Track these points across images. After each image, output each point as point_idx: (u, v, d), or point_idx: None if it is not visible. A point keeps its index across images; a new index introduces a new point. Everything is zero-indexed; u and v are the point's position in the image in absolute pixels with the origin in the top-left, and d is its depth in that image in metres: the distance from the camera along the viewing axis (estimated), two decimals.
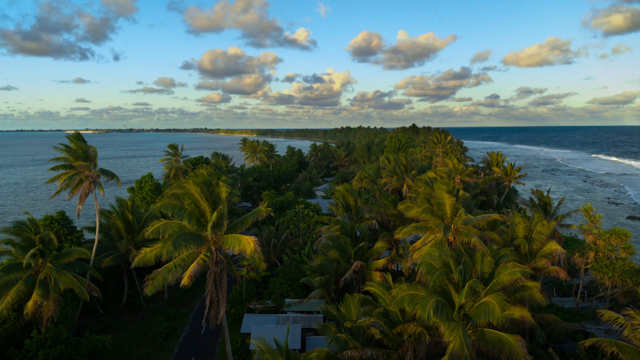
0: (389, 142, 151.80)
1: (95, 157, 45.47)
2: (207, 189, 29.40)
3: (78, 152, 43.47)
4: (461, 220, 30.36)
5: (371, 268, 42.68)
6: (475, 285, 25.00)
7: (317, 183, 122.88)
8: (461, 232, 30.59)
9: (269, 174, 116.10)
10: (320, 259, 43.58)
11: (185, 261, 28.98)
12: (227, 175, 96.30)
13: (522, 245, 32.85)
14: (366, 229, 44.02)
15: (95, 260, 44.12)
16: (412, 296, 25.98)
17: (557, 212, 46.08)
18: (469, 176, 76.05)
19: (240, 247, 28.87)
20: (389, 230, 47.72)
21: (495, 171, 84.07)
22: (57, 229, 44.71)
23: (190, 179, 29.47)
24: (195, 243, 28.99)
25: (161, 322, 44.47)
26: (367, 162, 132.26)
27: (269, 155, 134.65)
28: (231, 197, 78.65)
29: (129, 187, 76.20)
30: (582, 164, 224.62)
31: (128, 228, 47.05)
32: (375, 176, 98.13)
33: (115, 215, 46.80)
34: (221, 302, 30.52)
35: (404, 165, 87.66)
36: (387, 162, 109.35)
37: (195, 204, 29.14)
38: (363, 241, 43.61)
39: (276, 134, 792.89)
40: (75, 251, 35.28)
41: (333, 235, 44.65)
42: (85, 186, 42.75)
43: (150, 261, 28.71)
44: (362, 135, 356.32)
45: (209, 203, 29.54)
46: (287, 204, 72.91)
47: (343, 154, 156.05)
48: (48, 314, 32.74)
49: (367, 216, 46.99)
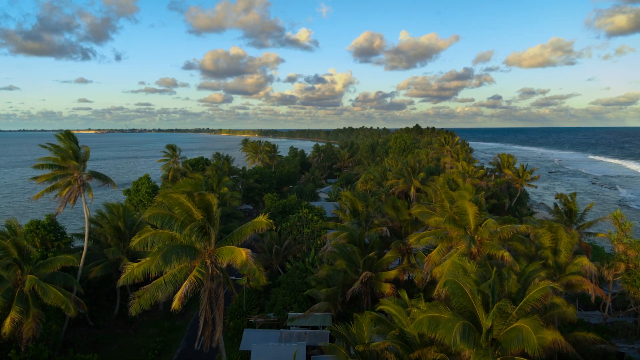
0: (393, 142, 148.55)
1: (87, 158, 42.40)
2: (199, 198, 26.22)
3: (68, 152, 40.37)
4: (487, 231, 27.15)
5: (381, 279, 39.52)
6: (505, 307, 21.84)
7: (321, 185, 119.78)
8: (486, 244, 27.40)
9: (271, 176, 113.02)
10: (326, 269, 40.43)
11: (177, 277, 25.88)
12: (229, 177, 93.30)
13: (549, 258, 29.65)
14: (376, 236, 40.84)
15: (84, 270, 41.04)
16: (434, 318, 22.80)
17: (584, 218, 42.73)
18: (479, 179, 72.78)
19: (231, 257, 25.78)
20: (400, 237, 44.52)
21: (507, 173, 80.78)
22: (43, 234, 41.66)
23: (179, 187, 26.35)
24: (188, 256, 25.90)
25: (154, 337, 41.34)
26: (371, 163, 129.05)
27: (271, 156, 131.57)
28: (232, 200, 75.66)
29: (124, 190, 73.25)
30: (586, 165, 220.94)
31: (119, 235, 43.96)
32: (381, 178, 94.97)
33: (105, 221, 43.73)
34: (217, 322, 27.41)
35: (411, 167, 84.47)
36: (393, 163, 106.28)
37: (187, 213, 26.00)
38: (373, 250, 40.47)
39: (278, 135, 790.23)
40: (60, 260, 32.14)
41: (340, 244, 41.52)
42: (74, 189, 39.65)
43: (138, 277, 25.60)
44: (365, 135, 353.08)
45: (203, 212, 26.41)
46: (289, 208, 69.78)
47: (346, 155, 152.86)
48: (28, 333, 29.65)
49: (377, 222, 43.78)
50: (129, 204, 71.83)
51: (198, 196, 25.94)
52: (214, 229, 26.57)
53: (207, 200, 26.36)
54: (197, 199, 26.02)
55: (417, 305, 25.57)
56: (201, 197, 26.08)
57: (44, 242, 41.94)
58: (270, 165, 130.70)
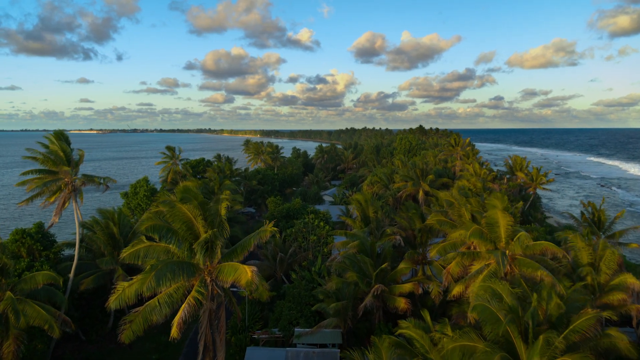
0: (398, 143, 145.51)
1: (80, 162, 39.53)
2: (202, 207, 23.33)
3: (59, 154, 37.51)
4: (521, 246, 24.12)
5: (395, 292, 36.54)
6: (552, 339, 18.91)
7: (325, 187, 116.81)
8: (520, 261, 24.40)
9: (273, 177, 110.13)
10: (335, 281, 37.46)
11: (173, 297, 22.98)
12: (230, 179, 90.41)
13: (589, 277, 26.67)
14: (389, 246, 37.84)
15: (74, 281, 38.20)
16: (467, 348, 19.90)
17: (613, 227, 39.70)
18: (491, 182, 69.76)
19: (235, 276, 22.89)
20: (414, 247, 41.56)
21: (519, 176, 77.72)
22: (30, 244, 38.76)
23: (178, 194, 23.43)
24: (186, 274, 23.00)
25: (150, 353, 38.50)
26: (377, 165, 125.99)
27: (273, 157, 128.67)
28: (233, 204, 72.71)
29: (122, 192, 70.41)
30: (592, 168, 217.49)
31: (113, 243, 41.06)
32: (388, 180, 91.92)
33: (98, 228, 40.84)
34: (219, 347, 24.51)
35: (420, 169, 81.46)
36: (399, 165, 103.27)
37: (187, 225, 23.09)
38: (385, 261, 37.48)
39: (280, 135, 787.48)
40: (42, 276, 29.22)
41: (350, 253, 38.57)
42: (65, 195, 36.78)
43: (130, 299, 22.68)
44: (368, 136, 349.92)
45: (205, 223, 23.51)
46: (294, 212, 66.86)
47: (350, 156, 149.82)
48: (8, 356, 26.79)
49: (390, 231, 40.78)
50: (126, 208, 69.01)
51: (201, 205, 23.03)
52: (220, 244, 23.70)
53: (215, 210, 23.44)
54: (200, 208, 23.10)
55: (442, 330, 22.66)
56: (205, 206, 23.17)
57: (31, 251, 39.06)
58: (272, 167, 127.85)
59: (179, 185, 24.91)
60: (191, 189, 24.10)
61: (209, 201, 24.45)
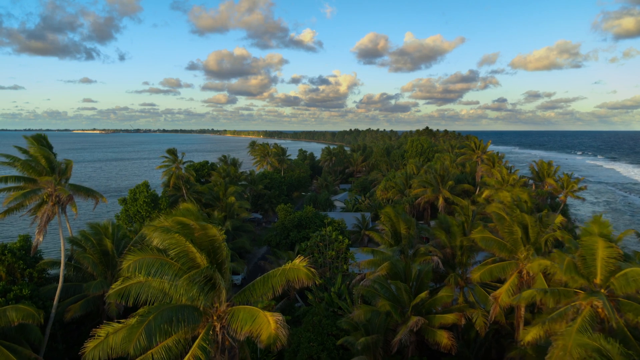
0: (409, 146, 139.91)
1: (68, 170, 34.12)
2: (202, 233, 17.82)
3: (39, 161, 32.15)
4: (627, 287, 18.39)
5: (434, 324, 30.97)
6: None
7: (334, 191, 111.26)
8: (624, 306, 18.79)
9: (280, 181, 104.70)
10: (363, 310, 31.93)
11: (172, 351, 17.55)
12: (236, 183, 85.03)
13: None
14: (428, 270, 32.25)
15: (60, 307, 32.79)
16: None
17: None
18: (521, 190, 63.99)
19: (252, 326, 17.39)
20: (452, 267, 36.01)
21: (548, 183, 71.97)
22: (11, 262, 33.40)
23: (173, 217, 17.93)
24: (188, 321, 17.58)
25: None
26: (390, 169, 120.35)
27: (280, 159, 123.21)
28: (240, 211, 67.32)
29: (120, 198, 65.04)
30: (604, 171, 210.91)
31: (106, 261, 35.65)
32: (403, 186, 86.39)
33: (89, 244, 35.41)
34: None
35: (440, 175, 75.86)
36: (414, 169, 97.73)
37: (187, 257, 17.61)
38: (423, 287, 31.97)
39: (283, 136, 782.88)
40: (16, 313, 23.84)
41: (380, 277, 33.06)
42: (48, 209, 31.40)
43: (116, 349, 17.26)
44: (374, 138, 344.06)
45: (210, 255, 18.04)
46: (306, 221, 61.38)
47: (360, 159, 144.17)
48: None
49: (424, 250, 35.21)
50: (124, 215, 63.65)
51: (200, 230, 17.53)
52: (223, 281, 18.21)
53: (212, 237, 17.93)
54: (199, 234, 17.60)
55: None
56: (205, 232, 17.66)
57: (11, 270, 33.72)
58: (279, 170, 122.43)
59: (177, 208, 19.41)
60: (192, 211, 18.61)
61: (215, 225, 18.90)
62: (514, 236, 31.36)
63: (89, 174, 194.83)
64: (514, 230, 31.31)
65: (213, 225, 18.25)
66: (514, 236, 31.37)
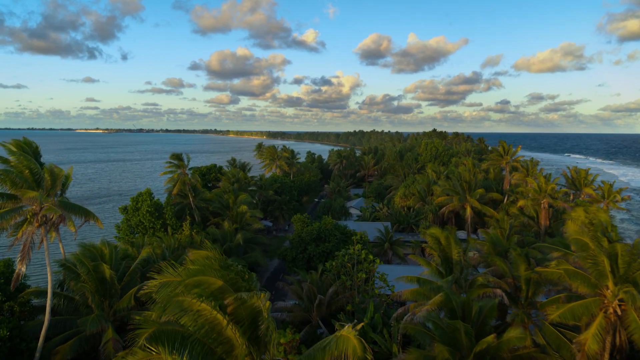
0: (423, 149, 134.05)
1: (58, 182, 28.55)
2: (237, 305, 12.15)
3: (23, 172, 26.60)
4: None
5: None
6: None
7: (347, 197, 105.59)
8: None
9: (291, 186, 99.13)
10: (414, 355, 26.31)
11: None
12: (246, 189, 79.47)
13: None
14: (491, 307, 26.56)
15: (45, 348, 27.26)
16: None
17: None
18: (561, 200, 58.36)
19: None
20: (514, 300, 30.28)
21: (585, 192, 66.15)
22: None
23: (195, 280, 12.28)
24: None
25: None
26: (409, 173, 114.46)
27: (289, 162, 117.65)
28: (252, 221, 61.79)
29: (121, 207, 59.63)
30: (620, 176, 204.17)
31: (102, 290, 30.08)
32: (425, 193, 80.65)
33: (83, 269, 29.83)
34: None
35: (466, 182, 70.08)
36: (432, 174, 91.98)
37: (218, 336, 11.96)
38: (486, 326, 26.31)
39: (286, 137, 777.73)
40: None
41: (433, 314, 27.39)
42: (32, 231, 25.84)
43: None
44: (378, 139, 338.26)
45: (248, 330, 12.39)
46: (325, 233, 55.72)
47: (371, 162, 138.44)
48: None
49: (483, 280, 29.45)
50: (125, 225, 58.22)
51: (235, 303, 11.89)
52: None
53: (253, 308, 12.27)
54: (234, 307, 11.95)
55: None
56: (242, 304, 12.00)
57: None
58: (288, 173, 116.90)
59: (190, 253, 13.78)
60: (212, 262, 12.90)
61: (243, 282, 13.24)
62: (599, 268, 25.71)
63: (91, 176, 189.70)
64: (599, 261, 25.66)
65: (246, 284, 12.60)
66: (599, 268, 25.72)
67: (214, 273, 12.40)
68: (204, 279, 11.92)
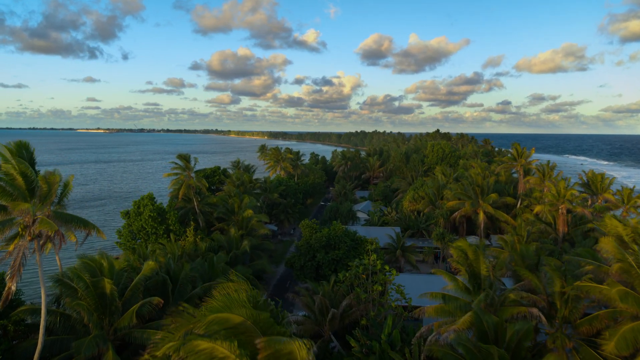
0: (430, 151, 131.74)
1: (53, 190, 26.24)
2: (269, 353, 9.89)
3: (15, 180, 24.31)
4: None
5: None
6: None
7: (353, 200, 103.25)
8: None
9: (296, 189, 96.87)
10: None
11: None
12: (251, 192, 77.21)
13: None
14: (529, 329, 24.21)
15: None
16: None
17: None
18: (581, 206, 55.95)
19: None
20: (548, 319, 27.90)
21: (603, 197, 63.74)
22: None
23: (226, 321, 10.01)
24: None
25: None
26: (417, 176, 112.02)
27: (294, 164, 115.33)
28: (258, 227, 59.51)
29: (123, 212, 57.36)
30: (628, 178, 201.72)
31: (102, 306, 27.80)
32: (435, 196, 78.24)
33: (81, 284, 27.55)
34: None
35: (479, 186, 67.72)
36: (441, 177, 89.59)
37: None
38: (523, 356, 23.94)
39: (287, 137, 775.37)
40: None
41: (463, 335, 25.06)
42: (23, 245, 23.56)
43: None
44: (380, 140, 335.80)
45: None
46: (335, 240, 53.38)
47: (377, 164, 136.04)
48: None
49: (515, 297, 27.09)
50: (127, 231, 55.96)
51: (270, 349, 9.62)
52: None
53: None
54: (266, 354, 9.70)
55: None
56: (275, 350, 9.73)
57: None
58: (293, 175, 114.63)
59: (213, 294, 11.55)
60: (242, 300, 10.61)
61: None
62: None
63: (92, 177, 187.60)
64: None
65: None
66: None
67: (246, 316, 10.13)
68: (247, 327, 9.66)
